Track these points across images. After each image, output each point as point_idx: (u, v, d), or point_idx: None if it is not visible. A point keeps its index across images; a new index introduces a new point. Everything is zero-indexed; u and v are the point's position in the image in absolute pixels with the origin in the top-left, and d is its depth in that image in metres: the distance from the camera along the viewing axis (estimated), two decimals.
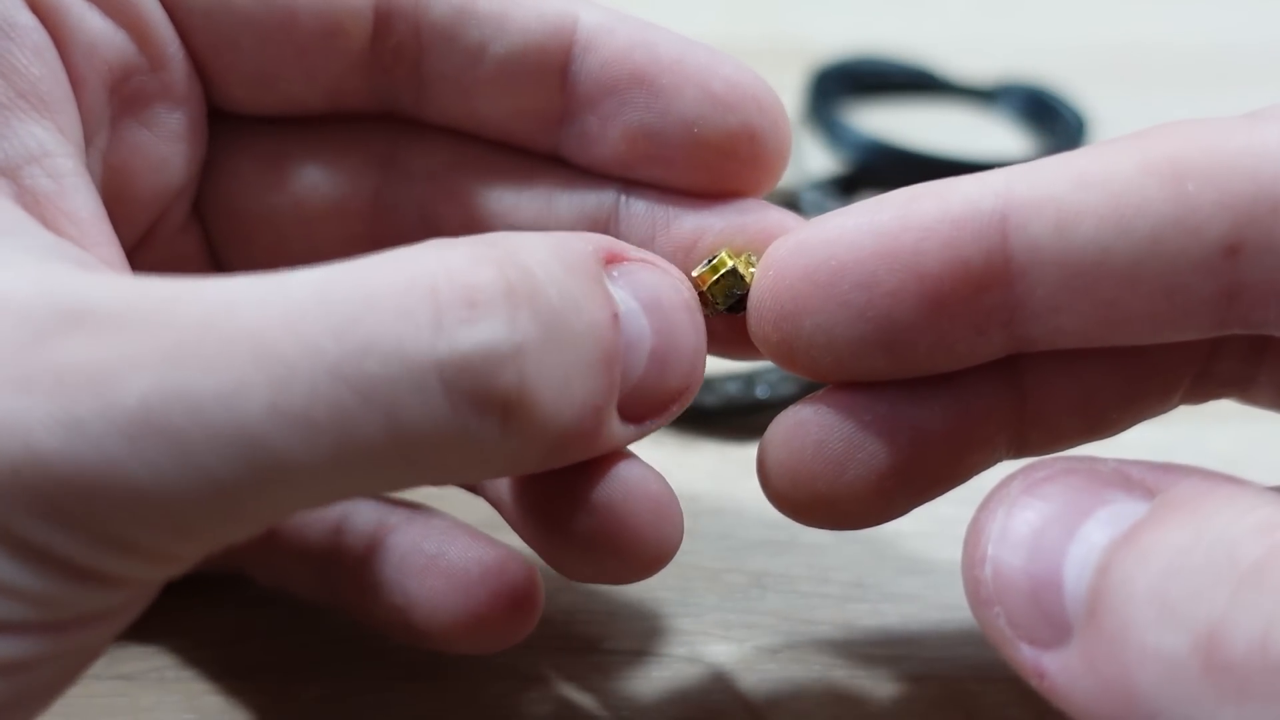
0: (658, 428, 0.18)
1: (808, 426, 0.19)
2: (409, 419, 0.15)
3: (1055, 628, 0.15)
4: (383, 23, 0.20)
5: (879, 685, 0.24)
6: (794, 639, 0.25)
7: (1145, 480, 0.16)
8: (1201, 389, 0.21)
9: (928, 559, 0.27)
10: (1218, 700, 0.13)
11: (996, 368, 0.19)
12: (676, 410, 0.19)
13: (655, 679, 0.24)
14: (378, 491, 0.16)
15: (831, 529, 0.21)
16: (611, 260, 0.18)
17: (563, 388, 0.16)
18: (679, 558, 0.20)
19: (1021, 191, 0.17)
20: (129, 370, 0.14)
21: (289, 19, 0.20)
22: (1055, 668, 0.15)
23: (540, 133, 0.21)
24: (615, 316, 0.17)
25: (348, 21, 0.20)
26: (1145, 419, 0.21)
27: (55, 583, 0.15)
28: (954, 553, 0.16)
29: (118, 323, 0.14)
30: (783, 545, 0.27)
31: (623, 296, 0.18)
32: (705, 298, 0.20)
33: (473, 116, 0.21)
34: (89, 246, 0.18)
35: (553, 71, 0.20)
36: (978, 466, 0.20)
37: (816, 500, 0.20)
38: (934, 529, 0.27)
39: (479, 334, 0.15)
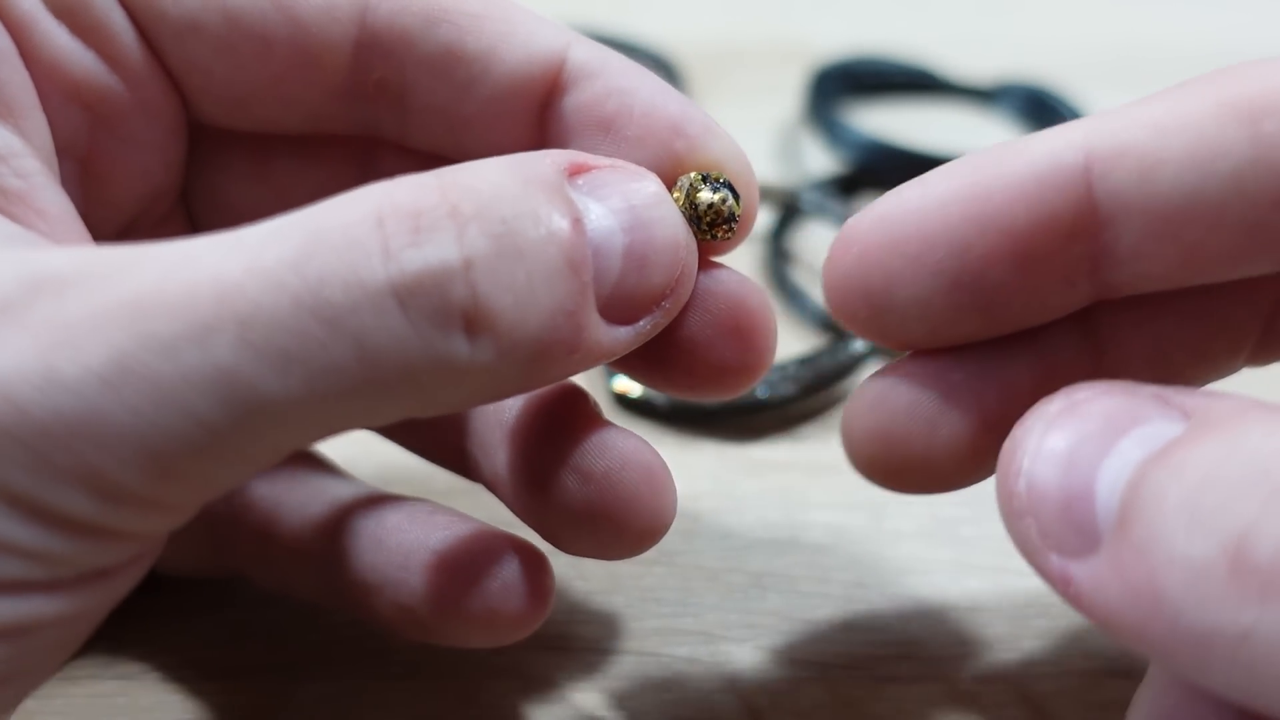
0: (658, 327, 0.18)
1: (898, 389, 0.20)
2: (375, 342, 0.15)
3: (1085, 537, 0.15)
4: (364, 57, 0.20)
5: (879, 685, 0.24)
6: (794, 639, 0.25)
7: (1184, 404, 0.16)
8: (1266, 349, 0.21)
9: (928, 559, 0.27)
10: (1241, 601, 0.13)
11: (1074, 323, 0.20)
12: (671, 307, 0.19)
13: (655, 679, 0.24)
14: (364, 424, 0.17)
15: (922, 493, 0.21)
16: (577, 171, 0.18)
17: (525, 296, 0.16)
18: (679, 558, 0.20)
19: (1102, 142, 0.18)
20: (99, 322, 0.15)
21: (263, 49, 0.20)
22: (1082, 575, 0.15)
23: None
24: (577, 221, 0.17)
25: (325, 55, 0.20)
26: (1215, 377, 0.21)
27: (52, 537, 0.15)
28: (954, 553, 0.17)
29: (83, 284, 0.15)
30: (783, 545, 0.27)
31: (587, 202, 0.18)
32: None
33: (455, 146, 0.21)
34: (60, 240, 0.18)
35: (534, 109, 0.20)
36: None
37: (910, 462, 0.20)
38: (934, 529, 0.27)
39: (425, 254, 0.16)
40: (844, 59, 0.47)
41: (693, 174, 0.20)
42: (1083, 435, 0.16)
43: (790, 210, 0.39)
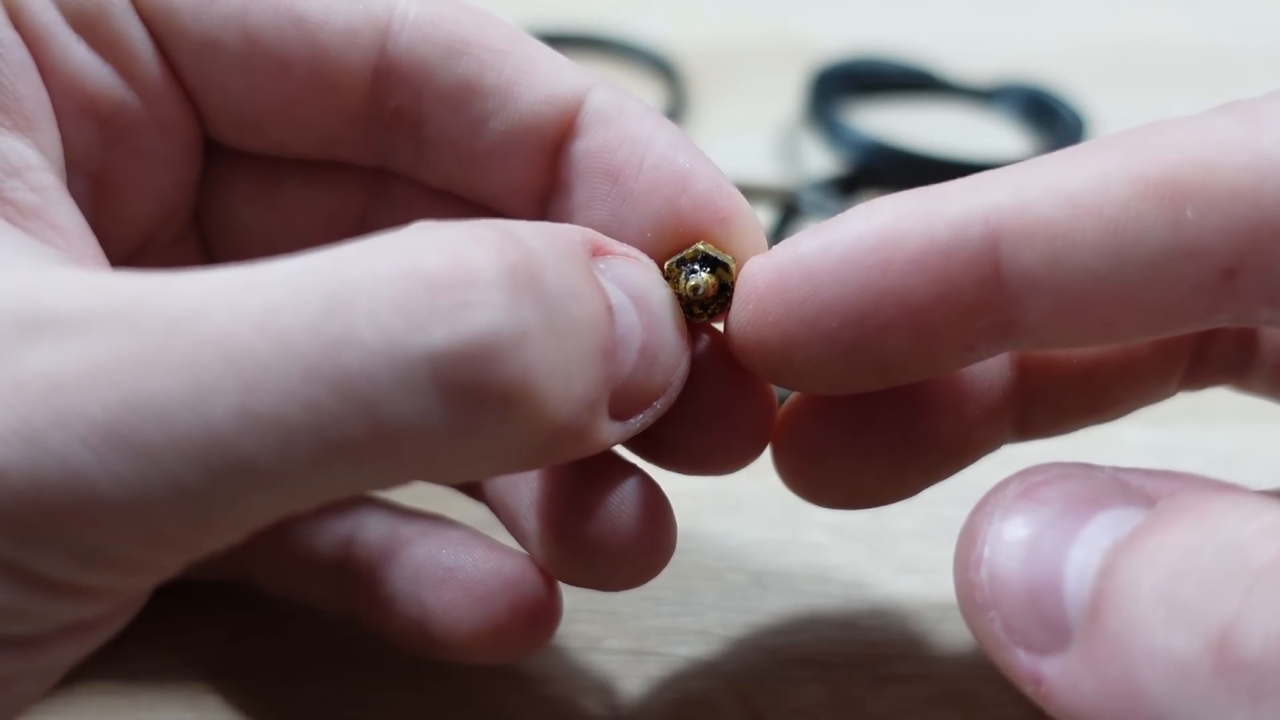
0: (643, 427, 0.18)
1: (820, 403, 0.20)
2: (394, 417, 0.14)
3: (1053, 632, 0.15)
4: (382, 84, 0.20)
5: (879, 685, 0.24)
6: (794, 639, 0.25)
7: (1144, 487, 0.16)
8: (1198, 374, 0.21)
9: (928, 559, 0.27)
10: (1231, 700, 0.13)
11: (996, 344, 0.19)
12: (661, 408, 0.18)
13: (655, 678, 0.24)
14: (362, 491, 0.16)
15: (846, 507, 0.21)
16: (596, 253, 0.18)
17: (565, 379, 0.15)
18: (679, 557, 0.20)
19: (1012, 217, 0.16)
20: (92, 378, 0.14)
21: (281, 70, 0.20)
22: (1054, 673, 0.15)
23: (526, 206, 0.21)
24: (610, 308, 0.17)
25: (342, 80, 0.20)
26: (1146, 402, 0.21)
27: (28, 597, 0.14)
28: (953, 552, 0.17)
29: (82, 329, 0.14)
30: (783, 545, 0.27)
31: (612, 289, 0.17)
32: None
33: (467, 181, 0.21)
34: (76, 257, 0.18)
35: (547, 150, 0.20)
36: (986, 443, 0.20)
37: (831, 477, 0.20)
38: (934, 528, 0.27)
39: (478, 320, 0.14)
40: (844, 59, 0.47)
41: (669, 262, 0.19)
42: (1045, 522, 0.15)
43: (790, 210, 0.39)
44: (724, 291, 0.19)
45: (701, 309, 0.19)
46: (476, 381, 0.14)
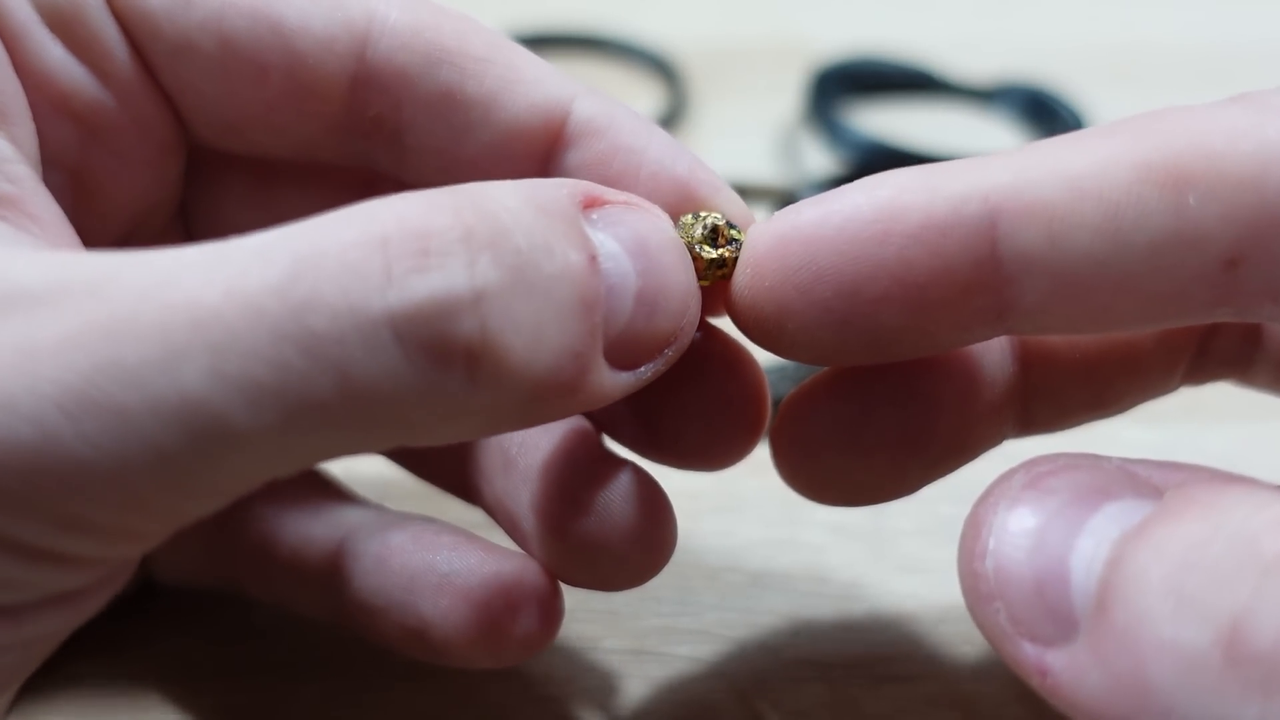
0: (656, 374, 0.18)
1: (820, 399, 0.20)
2: (362, 375, 0.14)
3: (1060, 623, 0.15)
4: (361, 92, 0.20)
5: (878, 684, 0.24)
6: (794, 639, 0.25)
7: (1151, 478, 0.16)
8: (1202, 368, 0.21)
9: (927, 558, 0.27)
10: (1241, 693, 0.13)
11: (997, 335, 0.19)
12: (672, 355, 0.18)
13: (655, 678, 0.24)
14: (343, 455, 0.16)
15: (846, 504, 0.21)
16: (591, 204, 0.17)
17: (535, 334, 0.15)
18: (679, 557, 0.20)
19: (1010, 196, 0.16)
20: (64, 346, 0.14)
21: (258, 75, 0.19)
22: (1060, 665, 0.15)
23: None
24: (593, 259, 0.16)
25: (320, 87, 0.20)
26: (1149, 396, 0.21)
27: (9, 565, 0.15)
28: (953, 552, 0.16)
29: (53, 301, 0.14)
30: (783, 545, 0.27)
31: (602, 239, 0.17)
32: None
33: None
34: (53, 245, 0.18)
35: (536, 159, 0.20)
36: (987, 438, 0.20)
37: (831, 473, 0.20)
38: (933, 528, 0.27)
39: (432, 282, 0.14)
40: (844, 59, 0.47)
41: (684, 216, 0.19)
42: (1051, 512, 0.15)
43: None
44: (733, 240, 0.19)
45: (713, 247, 0.19)
46: (435, 339, 0.15)
